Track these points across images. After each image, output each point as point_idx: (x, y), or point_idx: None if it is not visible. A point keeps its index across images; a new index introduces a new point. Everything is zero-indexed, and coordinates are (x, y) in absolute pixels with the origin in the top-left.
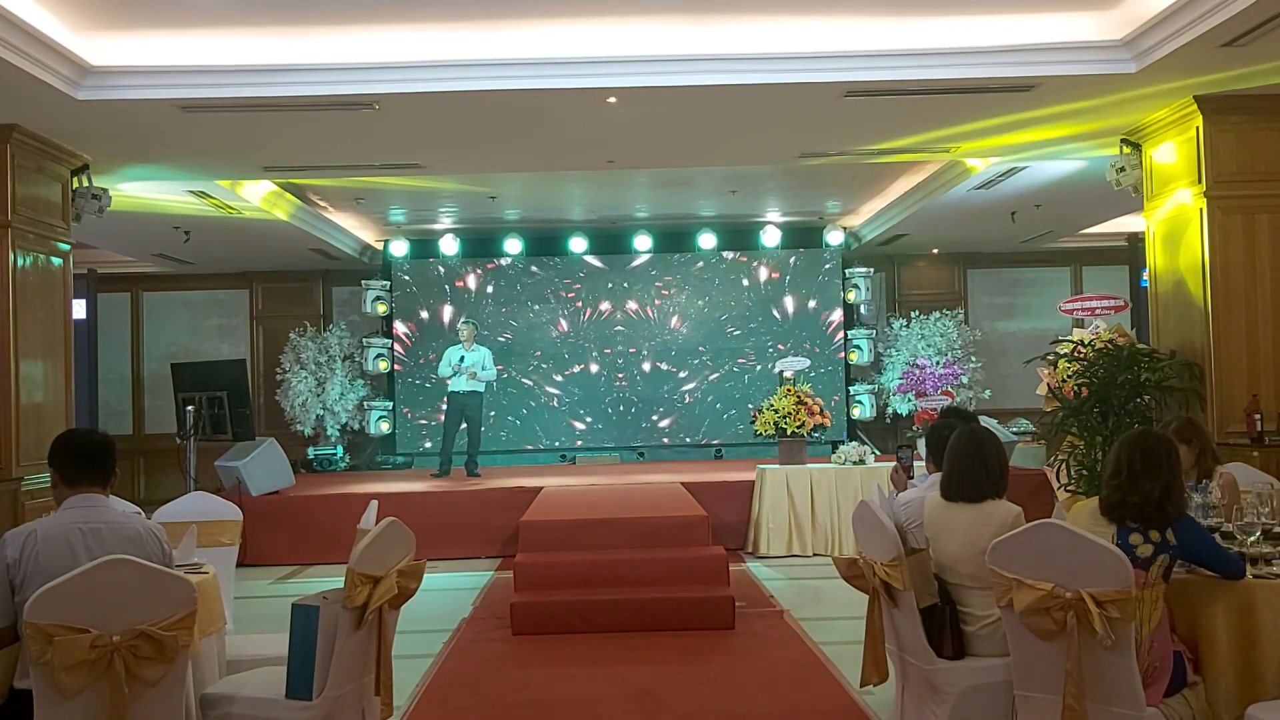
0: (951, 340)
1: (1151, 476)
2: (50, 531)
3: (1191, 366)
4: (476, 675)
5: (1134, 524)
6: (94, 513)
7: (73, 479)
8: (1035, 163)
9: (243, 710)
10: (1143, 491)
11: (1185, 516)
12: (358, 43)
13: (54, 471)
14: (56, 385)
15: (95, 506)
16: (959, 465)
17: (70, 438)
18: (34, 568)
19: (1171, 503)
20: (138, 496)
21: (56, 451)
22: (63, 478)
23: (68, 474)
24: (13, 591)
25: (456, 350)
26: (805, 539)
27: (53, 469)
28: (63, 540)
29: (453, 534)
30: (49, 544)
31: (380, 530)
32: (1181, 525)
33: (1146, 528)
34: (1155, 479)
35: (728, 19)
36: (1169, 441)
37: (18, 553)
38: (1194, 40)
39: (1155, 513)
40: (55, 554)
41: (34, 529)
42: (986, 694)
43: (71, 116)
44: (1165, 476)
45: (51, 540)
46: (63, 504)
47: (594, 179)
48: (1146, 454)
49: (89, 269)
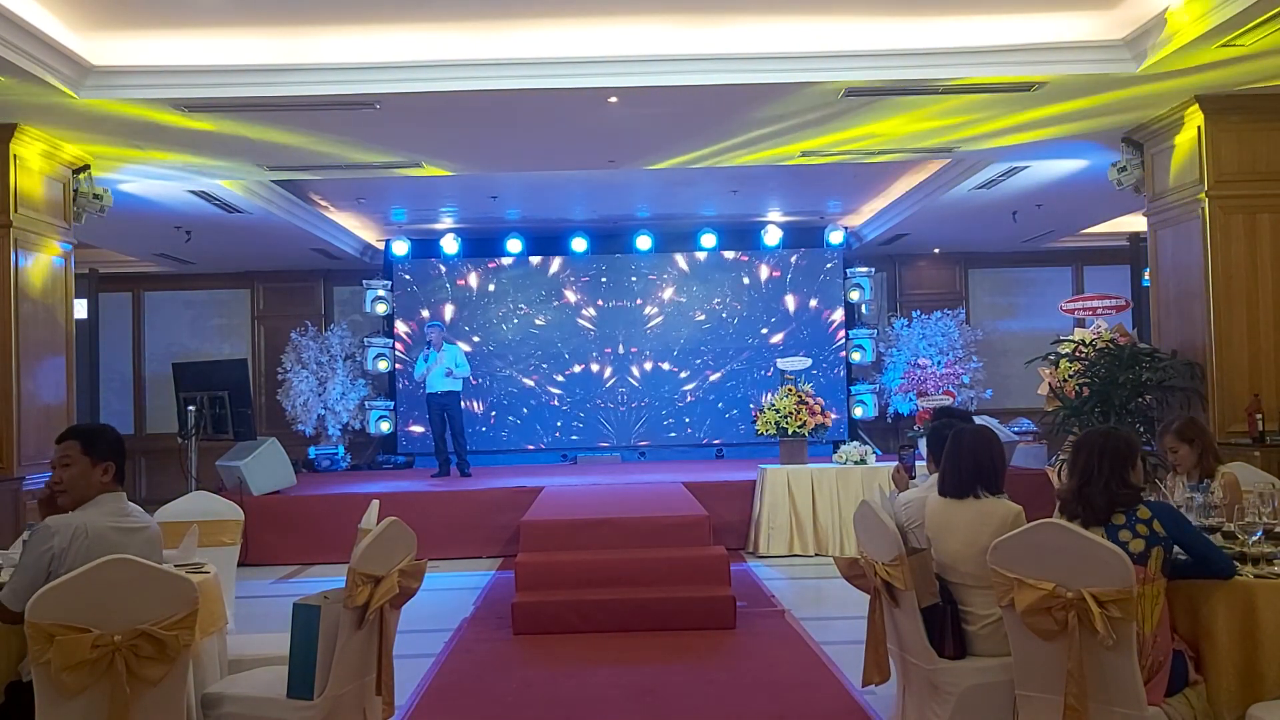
0: (953, 340)
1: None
2: (97, 527)
3: (1193, 366)
4: (478, 675)
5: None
6: (131, 512)
7: (121, 477)
8: (1036, 162)
9: (244, 710)
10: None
11: (1161, 504)
12: (358, 43)
13: (110, 466)
14: (58, 385)
15: (126, 504)
16: (952, 463)
17: (118, 434)
18: (80, 562)
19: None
20: (139, 496)
21: (116, 447)
22: (119, 474)
23: (121, 471)
24: (47, 580)
25: (425, 350)
26: (806, 539)
27: (109, 463)
28: (108, 538)
29: (454, 534)
30: (97, 541)
31: (381, 530)
32: (1165, 516)
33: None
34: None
35: (728, 19)
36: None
37: (66, 543)
38: (1195, 39)
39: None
40: (101, 551)
41: (81, 522)
42: (988, 694)
43: (73, 116)
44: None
45: (99, 538)
46: (96, 500)
47: (595, 179)
48: (1105, 456)
49: (90, 269)
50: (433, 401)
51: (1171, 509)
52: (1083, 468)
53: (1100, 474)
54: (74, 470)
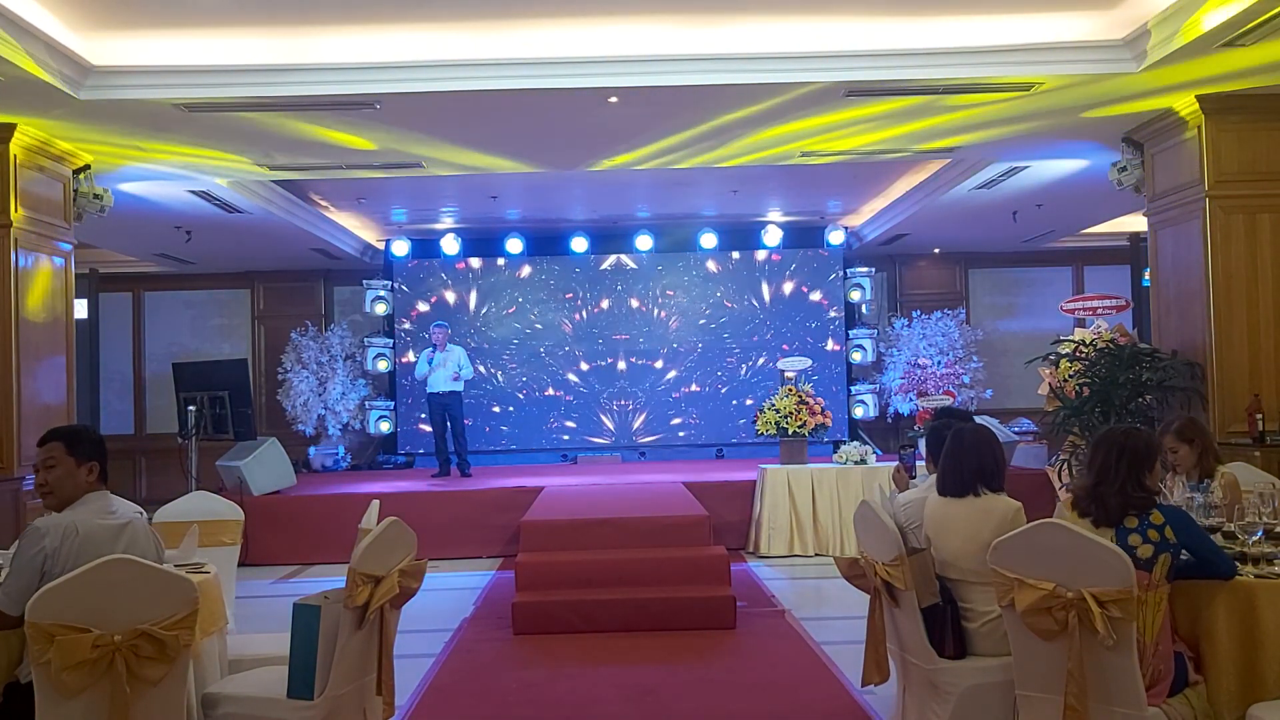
0: (953, 340)
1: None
2: (88, 526)
3: (1193, 366)
4: (478, 675)
5: (1131, 525)
6: (116, 508)
7: (104, 475)
8: (1037, 162)
9: (244, 710)
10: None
11: (1174, 509)
12: (359, 43)
13: (95, 465)
14: (58, 385)
15: (113, 502)
16: (953, 461)
17: (99, 434)
18: (74, 564)
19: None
20: (139, 496)
21: (99, 447)
22: (103, 473)
23: (105, 470)
24: (41, 581)
25: (427, 352)
26: (806, 539)
27: (93, 463)
28: (98, 536)
29: (454, 534)
30: (88, 539)
31: (382, 530)
32: (1177, 521)
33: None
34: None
35: (729, 19)
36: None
37: (58, 542)
38: (1195, 40)
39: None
40: (95, 550)
41: (72, 521)
42: (988, 694)
43: (73, 116)
44: (1139, 471)
45: (89, 536)
46: (83, 500)
47: (595, 178)
48: (1123, 454)
49: (90, 269)
50: (434, 401)
51: (1184, 514)
52: (1100, 466)
53: (1117, 475)
54: (59, 471)
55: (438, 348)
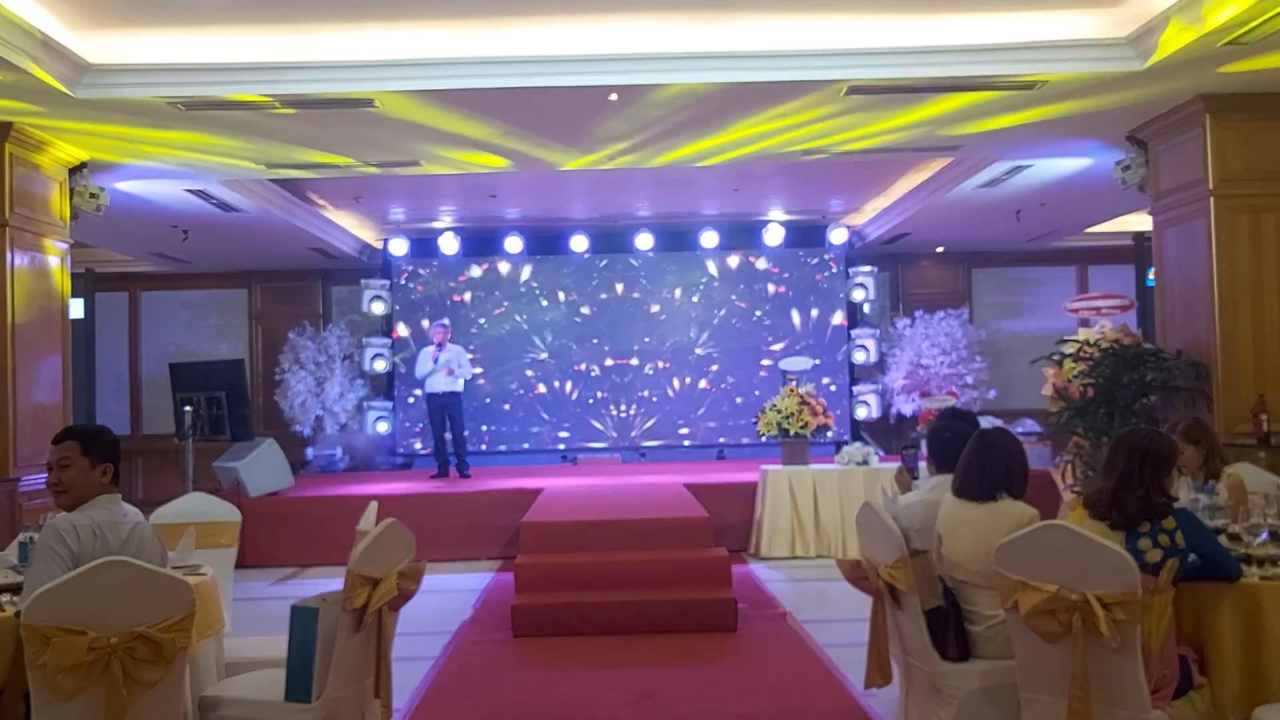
0: (956, 340)
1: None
2: (111, 526)
3: (1198, 366)
4: (477, 678)
5: (1144, 530)
6: (124, 511)
7: (117, 478)
8: (1040, 161)
9: (241, 713)
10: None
11: (1186, 513)
12: (357, 41)
13: (109, 467)
14: (54, 385)
15: (122, 505)
16: (980, 465)
17: (114, 435)
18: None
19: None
20: (136, 497)
21: (114, 448)
22: (115, 475)
23: (118, 473)
24: None
25: (430, 350)
26: (808, 540)
27: (107, 464)
28: (118, 539)
29: (453, 535)
30: (110, 545)
31: (380, 531)
32: (1188, 524)
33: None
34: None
35: (730, 17)
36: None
37: (90, 540)
38: (1199, 38)
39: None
40: (117, 551)
41: (95, 522)
42: (991, 696)
43: (69, 114)
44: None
45: (111, 541)
46: (96, 501)
47: (595, 177)
48: (1147, 458)
49: (86, 268)
50: (433, 401)
51: (1194, 518)
52: (1123, 469)
53: (1140, 480)
54: (73, 471)
55: (440, 346)
